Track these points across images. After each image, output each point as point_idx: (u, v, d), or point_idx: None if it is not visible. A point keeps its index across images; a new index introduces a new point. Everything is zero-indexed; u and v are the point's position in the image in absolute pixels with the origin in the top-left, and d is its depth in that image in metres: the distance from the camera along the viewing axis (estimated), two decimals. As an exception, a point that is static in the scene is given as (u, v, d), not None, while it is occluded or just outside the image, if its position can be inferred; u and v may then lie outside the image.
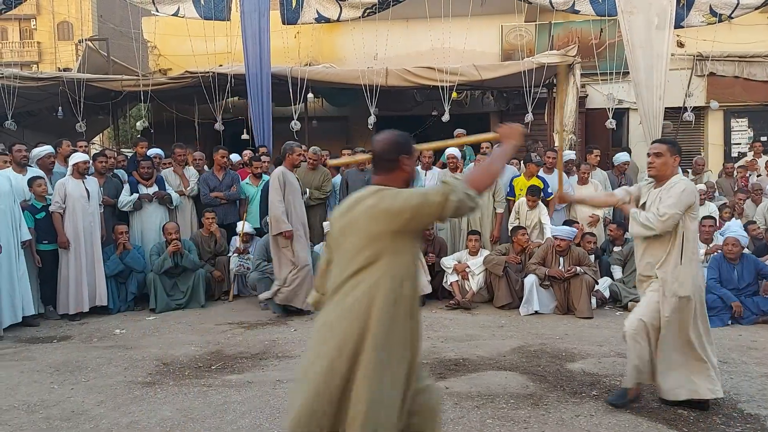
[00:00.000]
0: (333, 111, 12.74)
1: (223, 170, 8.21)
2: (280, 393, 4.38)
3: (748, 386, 4.41)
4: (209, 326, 6.45)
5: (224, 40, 10.01)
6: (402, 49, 11.49)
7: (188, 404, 4.23)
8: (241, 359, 5.25)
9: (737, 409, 4.02)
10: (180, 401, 4.29)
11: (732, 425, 3.78)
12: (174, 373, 4.91)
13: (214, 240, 7.78)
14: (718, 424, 3.79)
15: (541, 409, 4.03)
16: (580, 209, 7.92)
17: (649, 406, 4.07)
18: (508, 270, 7.07)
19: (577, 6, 9.36)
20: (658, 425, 3.78)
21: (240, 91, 10.09)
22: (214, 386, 4.58)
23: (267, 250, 7.19)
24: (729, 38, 10.74)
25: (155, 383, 4.68)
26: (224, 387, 4.55)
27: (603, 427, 3.74)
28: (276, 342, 5.77)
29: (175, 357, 5.34)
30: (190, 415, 4.04)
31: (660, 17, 8.41)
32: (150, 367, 5.08)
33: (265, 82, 9.21)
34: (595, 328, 6.21)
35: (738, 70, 11.26)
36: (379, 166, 2.52)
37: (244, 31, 9.32)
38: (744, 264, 6.47)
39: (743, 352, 5.32)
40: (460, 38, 10.08)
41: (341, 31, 11.96)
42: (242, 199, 8.22)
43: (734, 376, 4.65)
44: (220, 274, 7.67)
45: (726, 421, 3.84)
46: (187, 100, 11.28)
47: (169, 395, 4.41)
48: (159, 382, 4.70)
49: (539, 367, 4.92)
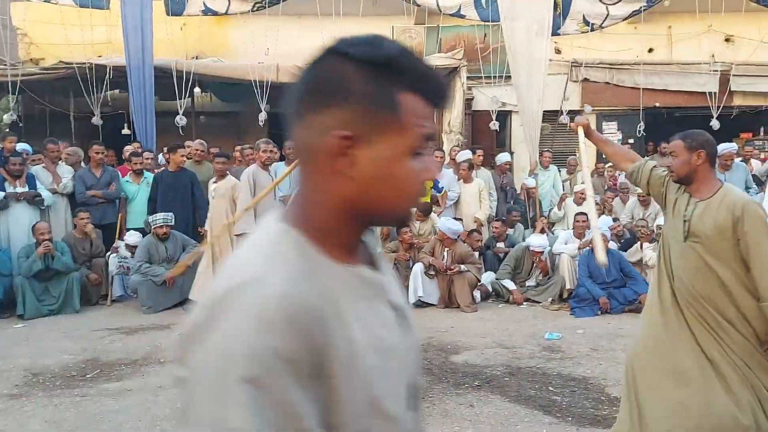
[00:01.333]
0: (222, 106, 12.37)
1: (100, 167, 7.76)
2: (161, 400, 4.21)
3: (615, 371, 4.75)
4: (85, 332, 6.08)
5: (103, 30, 9.47)
6: (294, 45, 11.35)
7: (59, 416, 3.97)
8: (119, 366, 4.99)
9: (605, 393, 4.33)
10: (50, 413, 4.02)
11: (600, 408, 4.07)
12: (44, 384, 4.59)
13: (89, 241, 7.33)
14: (588, 408, 4.06)
15: (426, 402, 4.13)
16: (466, 208, 8.22)
17: (526, 393, 4.30)
18: (397, 267, 7.21)
19: (463, 11, 9.69)
20: (534, 411, 4.00)
21: (120, 83, 9.59)
22: (88, 396, 4.33)
23: (149, 252, 6.89)
24: (601, 46, 11.52)
25: (23, 395, 4.35)
26: (100, 396, 4.31)
27: (484, 416, 3.91)
28: (158, 347, 5.53)
29: (45, 366, 4.99)
30: (62, 428, 3.79)
31: (539, 24, 8.87)
32: (17, 378, 4.71)
33: (148, 75, 8.81)
34: (479, 320, 6.47)
35: (609, 76, 12.09)
36: None
37: (124, 21, 8.87)
38: (610, 259, 6.97)
39: (611, 339, 5.74)
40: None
41: (231, 24, 11.65)
42: (122, 198, 7.82)
43: (603, 362, 5.00)
44: (96, 276, 7.24)
45: (595, 404, 4.13)
46: (61, 92, 10.55)
47: (38, 407, 4.12)
48: (27, 394, 4.37)
49: (426, 360, 5.04)
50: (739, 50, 11.58)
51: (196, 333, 0.79)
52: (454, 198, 8.35)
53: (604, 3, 9.77)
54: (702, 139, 2.95)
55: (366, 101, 0.84)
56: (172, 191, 7.31)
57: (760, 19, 11.34)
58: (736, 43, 11.72)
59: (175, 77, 9.11)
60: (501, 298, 7.38)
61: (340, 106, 0.84)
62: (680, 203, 2.97)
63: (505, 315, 6.72)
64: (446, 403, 4.11)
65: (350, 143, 0.84)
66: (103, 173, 7.73)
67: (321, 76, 0.86)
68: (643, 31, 11.11)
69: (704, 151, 2.90)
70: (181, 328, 0.82)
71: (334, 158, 0.85)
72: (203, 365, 0.77)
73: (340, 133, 0.84)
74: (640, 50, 11.66)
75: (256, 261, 0.84)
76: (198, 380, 0.77)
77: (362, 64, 0.84)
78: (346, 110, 0.84)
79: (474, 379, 4.57)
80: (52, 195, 7.43)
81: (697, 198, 2.92)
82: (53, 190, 7.50)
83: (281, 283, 0.79)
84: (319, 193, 0.88)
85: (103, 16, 9.48)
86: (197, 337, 0.78)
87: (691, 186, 2.95)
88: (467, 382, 4.51)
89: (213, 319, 0.78)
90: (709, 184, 2.92)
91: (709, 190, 2.91)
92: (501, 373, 4.70)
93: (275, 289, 0.79)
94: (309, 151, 0.88)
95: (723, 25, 11.76)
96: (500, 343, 5.52)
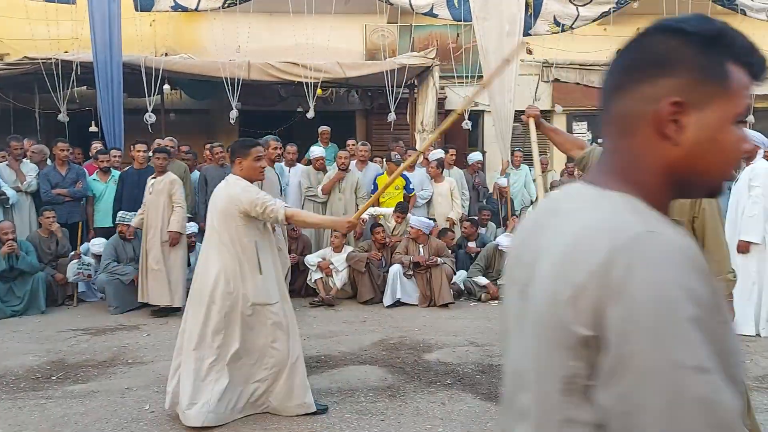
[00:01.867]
0: (193, 104, 12.20)
1: (66, 165, 7.59)
2: (129, 402, 4.13)
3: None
4: (50, 333, 5.95)
5: (69, 25, 9.25)
6: (265, 42, 11.27)
7: (23, 419, 3.87)
8: (85, 367, 4.89)
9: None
10: (13, 416, 3.92)
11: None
12: (7, 386, 4.48)
13: (55, 240, 7.17)
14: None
15: (398, 401, 4.13)
16: (438, 207, 8.25)
17: (498, 391, 4.31)
18: (370, 266, 7.19)
19: (435, 10, 9.69)
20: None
21: (88, 80, 9.38)
22: (53, 398, 4.23)
23: (116, 250, 6.78)
24: (571, 47, 11.63)
25: (-16, 399, 4.23)
26: (65, 398, 4.22)
27: (455, 414, 3.91)
28: (126, 348, 5.44)
29: (8, 368, 4.87)
30: (25, 431, 3.69)
31: (510, 24, 8.92)
32: (-22, 382, 4.58)
33: (116, 72, 8.63)
34: (451, 319, 6.49)
35: (579, 77, 12.23)
36: None
37: (91, 16, 8.67)
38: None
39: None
40: (324, 35, 10.07)
41: (202, 21, 11.49)
42: (89, 197, 7.67)
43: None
44: (63, 276, 7.09)
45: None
46: (26, 88, 10.28)
47: (2, 410, 4.02)
48: (-12, 398, 4.25)
49: (398, 359, 5.05)
50: (705, 52, 11.81)
51: (606, 291, 0.79)
52: (427, 197, 8.37)
53: (575, 4, 9.88)
54: None
55: (697, 71, 0.90)
56: (138, 189, 7.19)
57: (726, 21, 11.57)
58: (702, 45, 11.95)
59: (144, 74, 8.94)
60: (473, 296, 7.41)
61: (670, 76, 0.91)
62: None
63: (476, 313, 6.75)
64: (418, 402, 4.11)
65: (680, 110, 0.89)
66: (69, 171, 7.57)
67: (650, 50, 0.93)
68: (613, 32, 11.25)
69: None
70: (564, 295, 0.83)
71: (663, 124, 0.90)
72: (641, 314, 0.77)
73: (672, 99, 0.89)
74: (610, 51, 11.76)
75: (629, 217, 0.87)
76: (635, 329, 0.77)
77: (693, 37, 0.91)
78: (676, 79, 0.90)
79: (446, 377, 4.58)
80: (17, 193, 7.26)
81: None
82: (17, 188, 7.33)
83: (674, 234, 0.85)
84: (641, 161, 0.93)
85: (69, 11, 9.26)
86: (612, 293, 0.79)
87: None
88: (439, 381, 4.52)
89: (628, 270, 0.79)
90: None
91: None
92: (473, 371, 4.72)
93: (674, 238, 0.84)
94: (631, 120, 0.93)
95: (690, 28, 11.98)
96: (472, 342, 5.54)
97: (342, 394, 4.24)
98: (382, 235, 7.40)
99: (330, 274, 7.27)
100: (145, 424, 3.80)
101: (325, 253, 7.50)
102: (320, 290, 7.17)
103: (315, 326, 6.18)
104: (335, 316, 6.67)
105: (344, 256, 7.33)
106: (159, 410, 3.97)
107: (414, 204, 8.10)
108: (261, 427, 3.72)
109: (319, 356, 5.11)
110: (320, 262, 7.28)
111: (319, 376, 4.63)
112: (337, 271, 7.29)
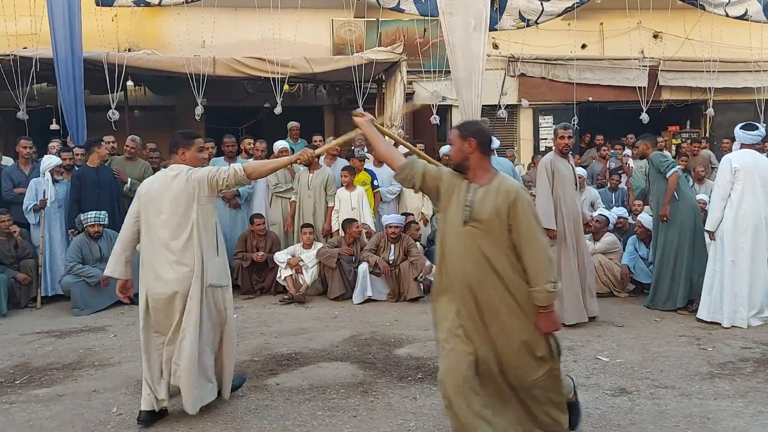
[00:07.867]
0: (157, 100, 12.02)
1: (29, 163, 7.41)
2: (96, 405, 4.06)
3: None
4: (13, 337, 5.81)
5: (28, 20, 9.01)
6: (231, 38, 11.15)
7: (-15, 426, 3.78)
8: (50, 371, 4.79)
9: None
10: (-25, 423, 3.82)
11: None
12: (-32, 393, 4.35)
13: (14, 243, 6.99)
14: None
15: (370, 396, 4.14)
16: (410, 202, 8.27)
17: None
18: (341, 262, 7.18)
19: (402, 5, 9.70)
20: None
21: (48, 76, 9.15)
22: (17, 403, 4.13)
23: (82, 251, 6.65)
24: (537, 42, 11.76)
25: (-56, 406, 4.12)
26: (30, 402, 4.12)
27: (427, 408, 3.93)
28: (92, 350, 5.33)
29: (-30, 374, 4.74)
30: (-12, 438, 3.61)
31: (476, 19, 8.96)
32: (-62, 389, 4.46)
33: (77, 68, 8.43)
34: (422, 313, 6.50)
35: (544, 71, 12.38)
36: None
37: (50, 11, 8.44)
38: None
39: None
40: (291, 30, 10.00)
41: (165, 16, 11.31)
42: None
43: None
44: (25, 276, 6.92)
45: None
46: (-17, 85, 10.01)
47: (-38, 418, 3.91)
48: (-51, 405, 4.14)
49: (369, 354, 5.06)
50: (666, 46, 12.06)
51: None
52: (396, 192, 8.39)
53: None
54: (474, 128, 3.20)
55: None
56: (98, 188, 7.03)
57: (686, 16, 11.84)
58: (663, 40, 12.20)
59: (106, 70, 8.77)
60: (443, 290, 7.46)
61: None
62: (460, 191, 3.14)
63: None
64: (390, 397, 4.13)
65: None
66: (32, 170, 7.38)
67: None
68: (577, 27, 11.42)
69: (475, 139, 3.12)
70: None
71: None
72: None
73: None
74: (574, 46, 11.99)
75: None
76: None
77: None
78: None
79: (417, 372, 4.61)
80: (-25, 194, 7.06)
81: (476, 184, 3.12)
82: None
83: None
84: None
85: (27, 6, 9.03)
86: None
87: (468, 173, 3.15)
88: (410, 375, 4.54)
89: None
90: (485, 171, 3.14)
91: (485, 176, 3.13)
92: (443, 365, 4.74)
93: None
94: None
95: (652, 22, 12.22)
96: (443, 335, 5.57)
97: (313, 391, 4.24)
98: (357, 231, 7.38)
99: (300, 271, 7.23)
100: (112, 427, 3.74)
101: (294, 249, 7.46)
102: (290, 287, 7.14)
103: (285, 324, 6.15)
104: (306, 313, 6.65)
105: (314, 253, 7.31)
106: (127, 413, 3.91)
107: (380, 200, 8.16)
108: (233, 428, 3.69)
109: (290, 354, 5.09)
110: (290, 259, 7.25)
111: (289, 374, 4.61)
112: (307, 267, 7.26)
